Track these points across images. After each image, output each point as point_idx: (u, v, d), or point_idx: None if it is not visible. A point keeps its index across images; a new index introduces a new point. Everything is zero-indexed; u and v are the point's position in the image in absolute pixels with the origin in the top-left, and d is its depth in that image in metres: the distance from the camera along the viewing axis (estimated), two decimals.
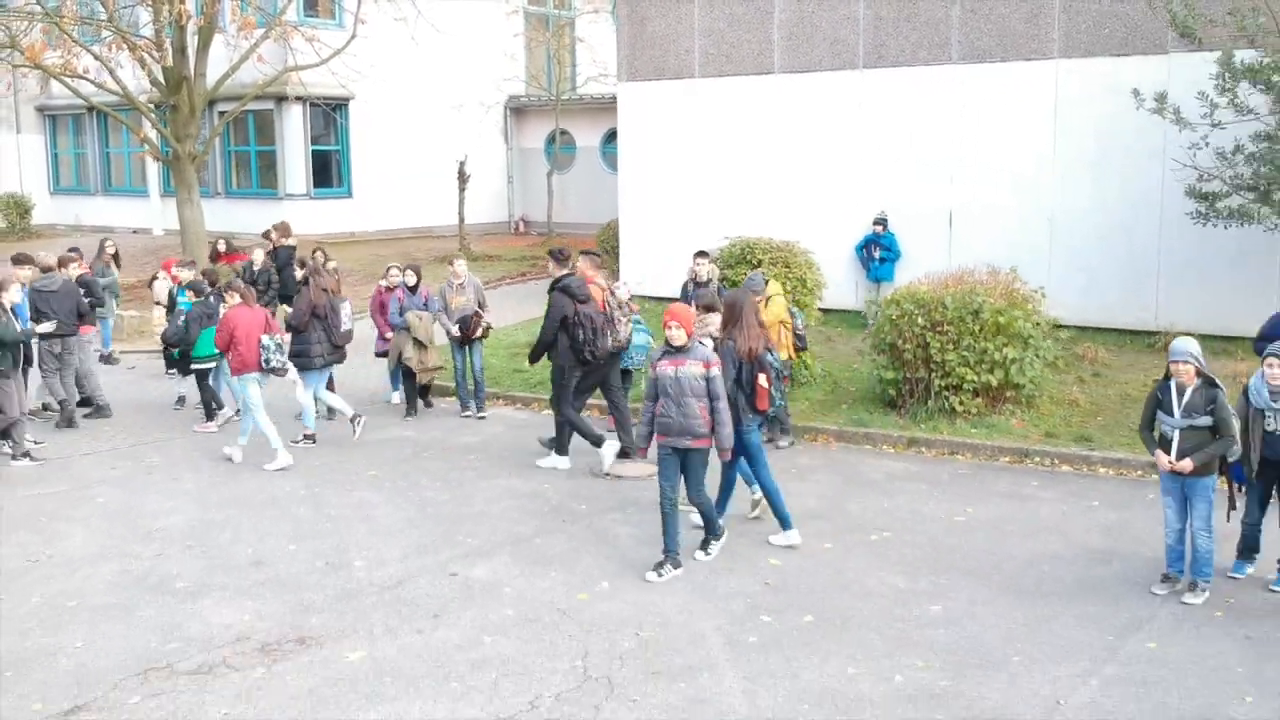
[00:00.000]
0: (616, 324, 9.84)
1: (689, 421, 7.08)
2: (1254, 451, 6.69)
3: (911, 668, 5.91)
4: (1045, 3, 13.33)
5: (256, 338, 9.87)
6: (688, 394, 7.06)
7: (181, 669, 5.99)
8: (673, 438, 7.17)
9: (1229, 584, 6.99)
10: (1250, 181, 10.31)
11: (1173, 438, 6.59)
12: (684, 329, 7.16)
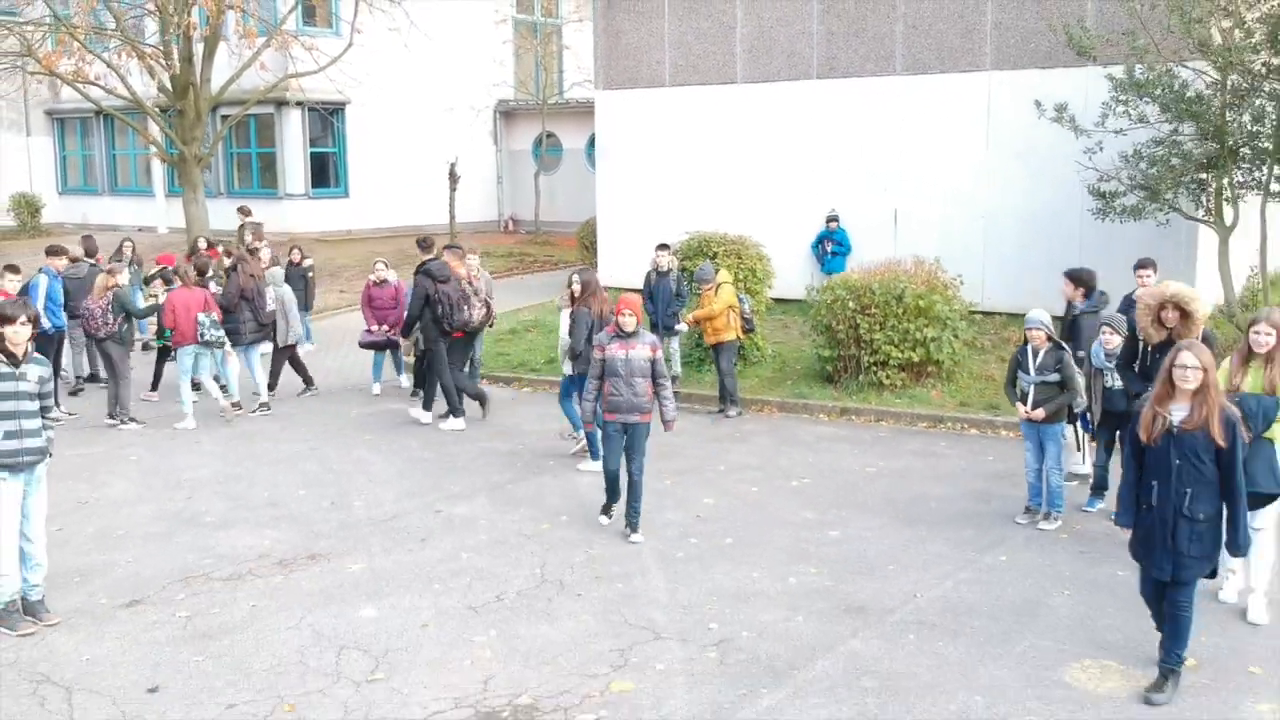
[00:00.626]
0: (472, 303, 11.40)
1: (638, 399, 7.98)
2: (1095, 404, 8.19)
3: (805, 574, 7.40)
4: (978, 21, 14.84)
5: (194, 315, 11.48)
6: (636, 374, 7.97)
7: (216, 576, 7.46)
8: (622, 414, 8.03)
9: (1080, 516, 8.47)
10: (1142, 181, 11.81)
11: (1029, 391, 8.08)
12: (635, 316, 8.05)
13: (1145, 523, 5.56)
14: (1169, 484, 5.42)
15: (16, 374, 6.54)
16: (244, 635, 6.52)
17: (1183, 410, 5.39)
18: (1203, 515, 5.40)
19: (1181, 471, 5.39)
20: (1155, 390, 5.53)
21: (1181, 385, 5.36)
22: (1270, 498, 6.30)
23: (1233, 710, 5.55)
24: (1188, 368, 5.34)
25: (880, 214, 15.70)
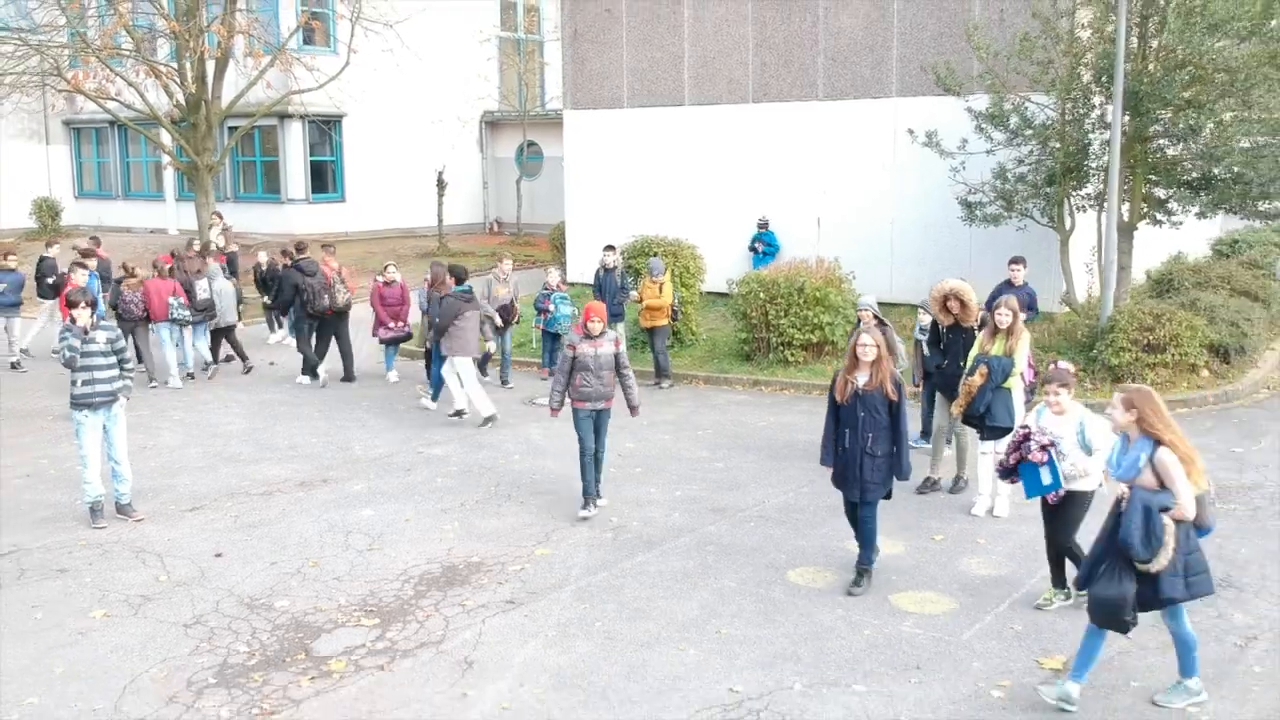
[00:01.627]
0: (334, 292, 14.64)
1: (604, 389, 9.41)
2: (916, 368, 10.94)
3: (689, 489, 10.16)
4: (885, 55, 17.59)
5: (165, 299, 14.59)
6: (604, 368, 9.40)
7: (253, 493, 10.21)
8: (591, 403, 9.42)
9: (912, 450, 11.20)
10: (1002, 194, 14.55)
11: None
12: (601, 321, 9.50)
13: (842, 461, 7.76)
14: (857, 431, 7.64)
15: (87, 339, 9.26)
16: (278, 526, 9.28)
17: (865, 376, 7.78)
18: (880, 453, 7.66)
19: (865, 421, 7.63)
20: (845, 363, 7.94)
21: (863, 359, 7.75)
22: (1006, 430, 9.02)
23: (955, 562, 8.29)
24: (866, 345, 7.78)
25: (805, 220, 18.45)
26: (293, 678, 6.63)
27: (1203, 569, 5.93)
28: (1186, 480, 5.83)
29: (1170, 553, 5.79)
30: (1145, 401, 5.97)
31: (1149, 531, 5.76)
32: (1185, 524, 5.85)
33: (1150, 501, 5.80)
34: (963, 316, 9.85)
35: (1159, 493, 5.83)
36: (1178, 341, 12.83)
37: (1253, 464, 10.53)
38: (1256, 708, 6.14)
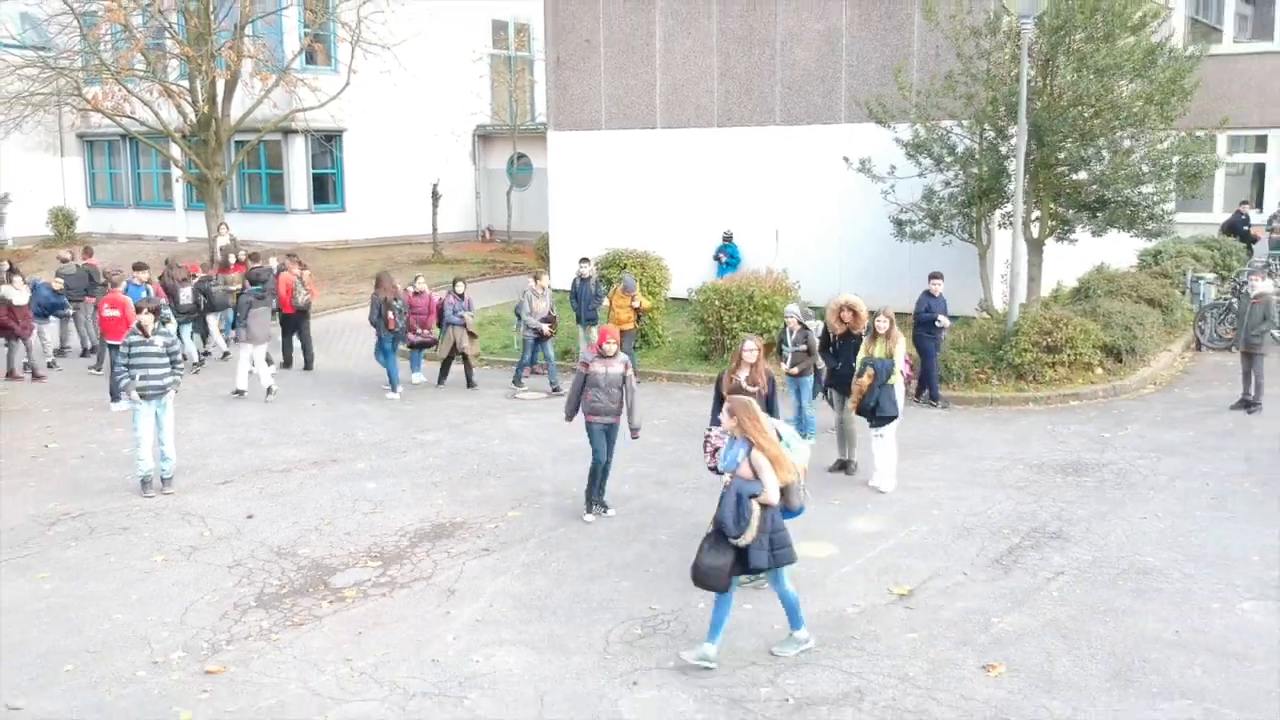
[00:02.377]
0: (297, 294, 17.27)
1: (614, 405, 10.48)
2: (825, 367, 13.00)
3: (640, 468, 12.19)
4: (835, 85, 19.68)
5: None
6: (613, 385, 10.46)
7: (274, 470, 12.29)
8: (601, 417, 10.51)
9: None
10: (929, 213, 16.63)
11: (788, 356, 12.89)
12: (615, 343, 10.64)
13: None
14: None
15: (148, 342, 11.33)
16: (296, 495, 11.36)
17: (745, 372, 9.98)
18: None
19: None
20: (731, 365, 10.09)
21: (746, 359, 9.97)
22: (891, 419, 11.09)
23: (844, 522, 10.36)
24: (750, 349, 9.97)
25: (765, 233, 20.54)
26: (315, 601, 8.71)
27: (786, 544, 7.42)
28: (773, 474, 7.34)
29: (754, 530, 7.23)
30: (743, 411, 7.55)
31: (739, 513, 7.24)
32: (771, 508, 7.33)
33: (743, 489, 7.29)
34: (854, 325, 11.85)
35: (750, 482, 7.34)
36: (1073, 343, 14.91)
37: (1113, 446, 12.61)
38: (1046, 619, 8.21)
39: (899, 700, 7.07)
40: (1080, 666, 7.47)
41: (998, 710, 6.92)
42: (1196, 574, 8.96)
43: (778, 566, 7.51)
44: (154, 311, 11.61)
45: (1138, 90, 15.02)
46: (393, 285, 16.32)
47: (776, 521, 7.42)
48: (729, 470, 7.56)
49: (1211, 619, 8.16)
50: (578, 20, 22.37)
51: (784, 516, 7.62)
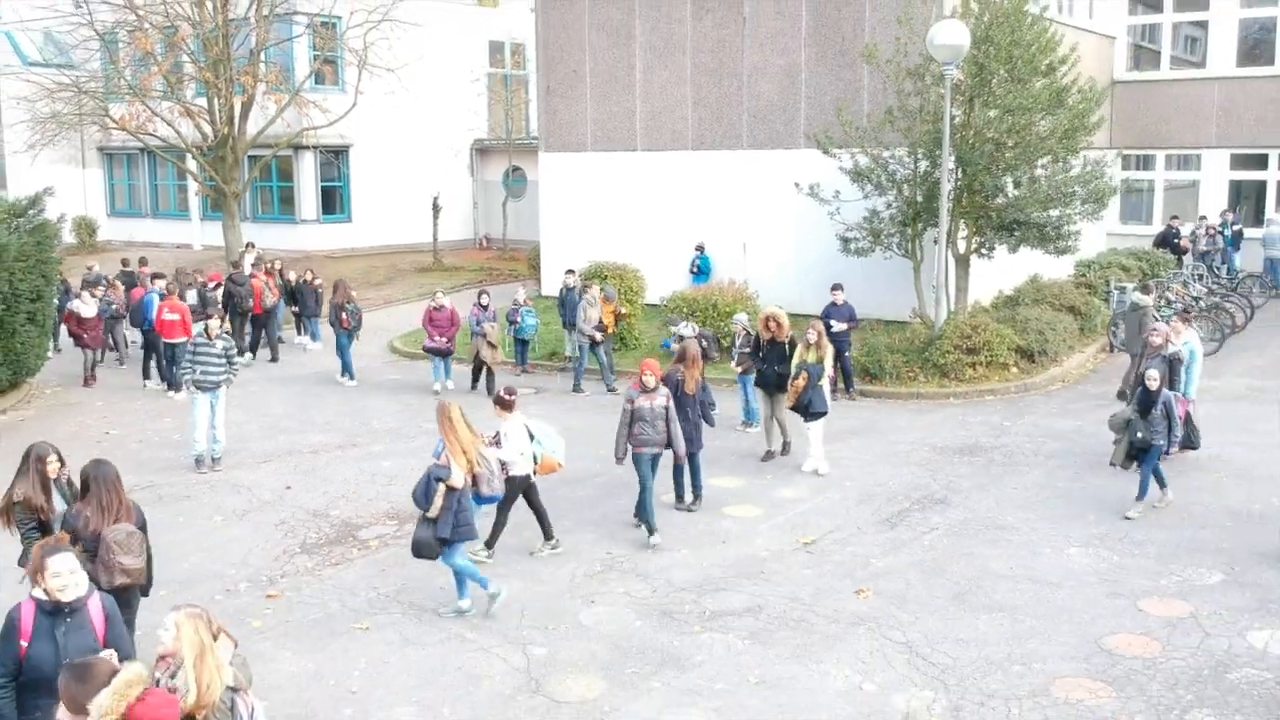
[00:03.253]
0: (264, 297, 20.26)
1: (659, 435, 11.35)
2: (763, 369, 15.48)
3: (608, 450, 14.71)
4: (795, 114, 22.22)
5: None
6: (658, 418, 11.35)
7: (304, 451, 14.82)
8: (648, 448, 11.36)
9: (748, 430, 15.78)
10: (872, 231, 19.14)
11: (735, 357, 15.40)
12: (655, 376, 11.47)
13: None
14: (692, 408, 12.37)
15: (210, 344, 13.87)
16: (325, 471, 13.88)
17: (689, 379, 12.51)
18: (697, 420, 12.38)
19: (689, 402, 12.26)
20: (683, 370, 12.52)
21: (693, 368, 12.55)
22: (822, 414, 13.58)
23: (772, 492, 12.86)
24: (689, 356, 12.48)
25: (734, 245, 23.07)
26: (346, 549, 11.25)
27: (468, 522, 9.29)
28: (458, 465, 9.28)
29: (438, 507, 9.10)
30: (440, 415, 9.61)
31: (427, 491, 9.18)
32: (457, 491, 9.18)
33: (434, 473, 9.21)
34: (778, 334, 14.31)
35: (442, 468, 9.24)
36: (990, 346, 17.43)
37: (1009, 433, 15.13)
38: (912, 560, 10.72)
39: (788, 612, 9.60)
40: (930, 592, 10.00)
41: (859, 618, 9.45)
42: (1041, 528, 11.48)
43: (458, 540, 9.39)
44: (222, 319, 14.15)
45: (1048, 126, 17.53)
46: (346, 291, 19.62)
47: (463, 503, 9.35)
48: (435, 457, 9.50)
49: (1041, 560, 10.69)
50: (566, 53, 24.92)
51: (479, 502, 9.77)
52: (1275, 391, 17.05)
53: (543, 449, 10.94)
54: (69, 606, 5.77)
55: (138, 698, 4.81)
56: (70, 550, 5.97)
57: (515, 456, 10.74)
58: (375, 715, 8.07)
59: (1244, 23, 27.23)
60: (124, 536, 7.45)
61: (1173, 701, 8.04)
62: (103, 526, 7.46)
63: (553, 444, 10.91)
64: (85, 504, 7.63)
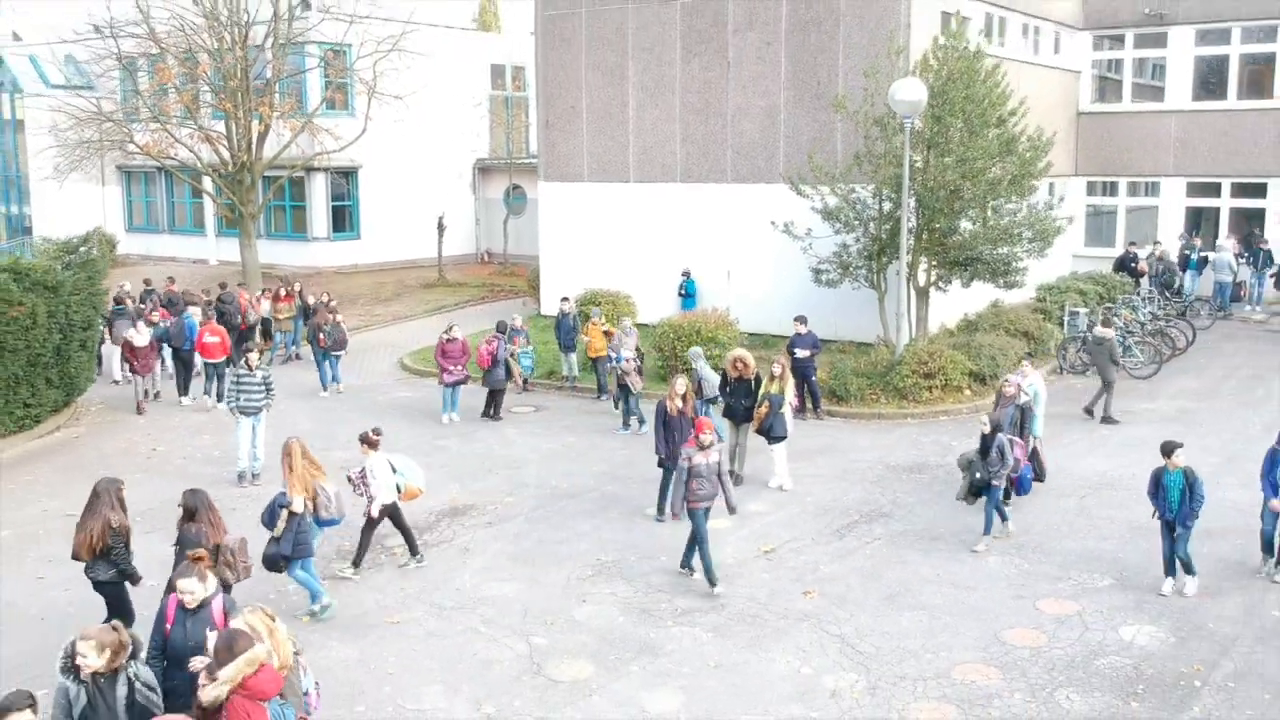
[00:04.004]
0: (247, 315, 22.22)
1: (714, 489, 12.14)
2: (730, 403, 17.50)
3: (600, 467, 16.75)
4: (775, 152, 24.28)
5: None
6: (713, 473, 12.10)
7: (330, 467, 16.87)
8: (704, 501, 12.08)
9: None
10: (841, 264, 21.19)
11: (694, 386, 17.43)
12: (711, 433, 12.13)
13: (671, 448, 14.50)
14: (678, 432, 14.37)
15: (251, 375, 15.93)
16: None
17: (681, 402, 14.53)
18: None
19: (680, 424, 14.41)
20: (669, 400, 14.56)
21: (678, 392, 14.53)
22: (783, 438, 15.61)
23: (741, 506, 14.93)
24: (678, 388, 14.53)
25: (719, 271, 25.13)
26: (375, 555, 13.30)
27: (305, 542, 11.23)
28: (298, 494, 11.26)
29: (281, 527, 11.10)
30: (283, 452, 11.60)
31: (273, 516, 11.22)
32: (297, 516, 11.17)
33: (278, 500, 11.27)
34: (744, 372, 16.30)
35: (282, 495, 11.29)
36: (945, 371, 19.49)
37: (955, 452, 17.04)
38: (854, 567, 12.77)
39: (746, 610, 11.67)
40: (866, 593, 12.07)
41: (804, 615, 11.52)
42: (968, 539, 13.55)
43: (297, 557, 11.36)
44: (262, 352, 16.20)
45: (999, 171, 19.60)
46: (324, 314, 22.14)
47: (303, 525, 11.34)
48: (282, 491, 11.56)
49: (963, 566, 12.76)
50: (564, 90, 26.98)
51: (319, 525, 11.75)
52: (1202, 414, 19.18)
53: (405, 479, 12.86)
54: (195, 608, 7.90)
55: (255, 671, 6.91)
56: (194, 573, 8.06)
57: (381, 489, 12.66)
58: (409, 693, 10.14)
59: (1198, 60, 29.30)
60: (238, 544, 9.65)
61: (1047, 682, 10.12)
62: (217, 538, 9.57)
63: (413, 475, 12.89)
64: (197, 524, 9.72)
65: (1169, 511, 11.79)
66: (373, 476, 12.72)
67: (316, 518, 11.68)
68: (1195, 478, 11.65)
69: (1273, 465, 11.89)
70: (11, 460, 17.48)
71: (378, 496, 12.67)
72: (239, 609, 7.83)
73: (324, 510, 11.72)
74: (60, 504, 15.20)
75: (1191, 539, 11.95)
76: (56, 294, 17.80)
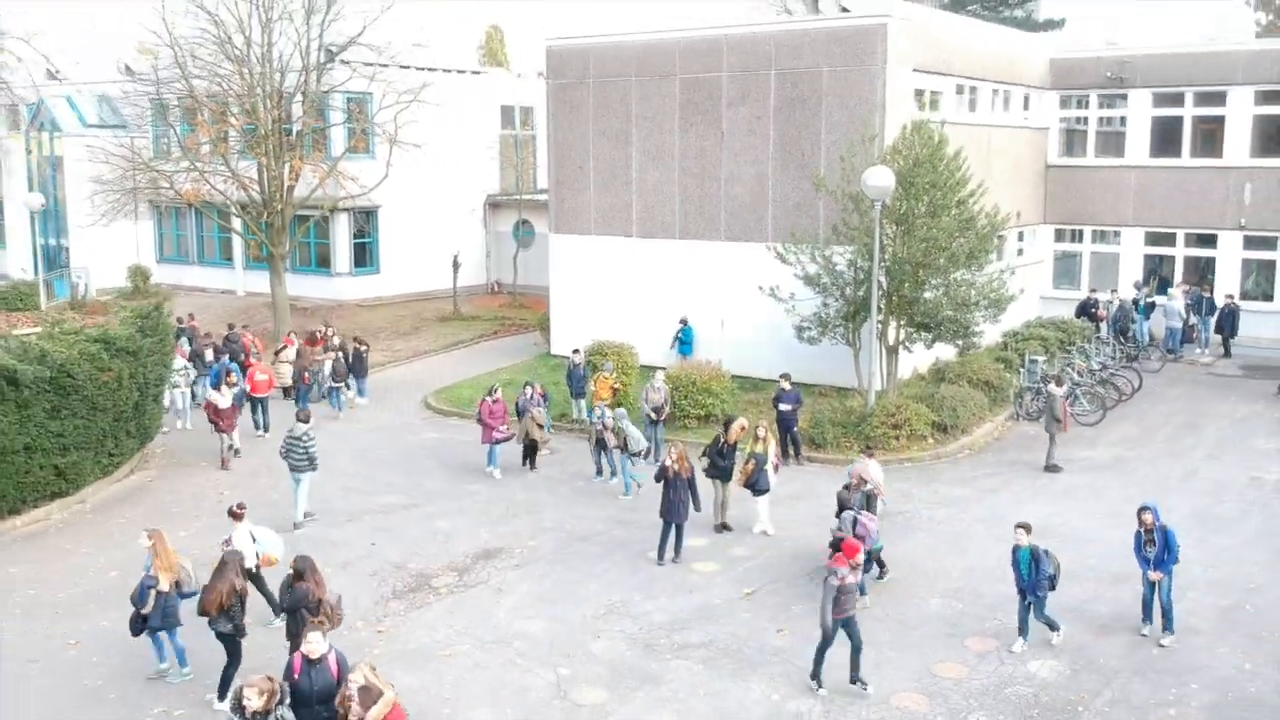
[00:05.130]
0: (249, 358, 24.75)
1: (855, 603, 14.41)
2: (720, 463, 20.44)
3: (609, 511, 19.64)
4: (764, 213, 27.18)
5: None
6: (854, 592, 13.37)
7: (376, 512, 19.77)
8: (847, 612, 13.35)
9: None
10: (821, 322, 24.07)
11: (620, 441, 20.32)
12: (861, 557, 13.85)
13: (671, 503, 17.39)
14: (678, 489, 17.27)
15: (299, 440, 18.83)
16: (397, 530, 18.82)
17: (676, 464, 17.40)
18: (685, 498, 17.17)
19: (678, 485, 17.28)
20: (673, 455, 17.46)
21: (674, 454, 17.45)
22: (766, 491, 18.49)
23: (728, 550, 17.84)
24: (674, 453, 17.43)
25: (713, 320, 28.06)
26: (424, 595, 16.21)
27: (173, 613, 13.26)
28: (162, 575, 13.25)
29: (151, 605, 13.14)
30: (151, 539, 13.53)
31: (143, 595, 13.17)
32: (163, 594, 13.18)
33: (145, 582, 13.22)
34: (739, 438, 19.13)
35: (150, 578, 13.24)
36: (910, 422, 22.40)
37: (914, 499, 20.07)
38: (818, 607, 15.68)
39: (729, 646, 14.58)
40: None
41: (776, 650, 14.44)
42: (919, 582, 16.45)
43: (166, 627, 13.47)
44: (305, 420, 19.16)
45: (959, 246, 22.51)
46: (310, 356, 25.91)
47: (171, 601, 13.40)
48: (146, 570, 13.50)
49: (909, 606, 15.67)
50: (573, 151, 29.89)
51: (181, 598, 13.54)
52: (1136, 462, 22.10)
53: (263, 548, 15.23)
54: (317, 660, 10.82)
55: (389, 710, 9.91)
56: (320, 631, 10.98)
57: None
58: (464, 714, 13.07)
59: (1155, 120, 32.21)
60: (336, 600, 12.60)
61: (963, 708, 13.05)
62: (321, 594, 12.52)
63: (271, 545, 15.07)
64: (306, 583, 12.64)
65: (1021, 581, 14.32)
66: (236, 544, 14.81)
67: (180, 592, 13.63)
68: (1041, 554, 14.11)
69: (1139, 543, 14.58)
70: (99, 504, 20.40)
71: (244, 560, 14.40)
72: (350, 665, 10.75)
73: (185, 585, 13.70)
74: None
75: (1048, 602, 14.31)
76: (136, 358, 20.66)
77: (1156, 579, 14.39)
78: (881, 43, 25.26)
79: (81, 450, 19.63)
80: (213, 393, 22.45)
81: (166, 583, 13.51)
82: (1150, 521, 14.37)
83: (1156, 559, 14.25)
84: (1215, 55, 31.64)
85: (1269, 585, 16.22)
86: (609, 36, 29.32)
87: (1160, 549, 14.26)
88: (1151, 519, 14.39)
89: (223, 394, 22.18)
